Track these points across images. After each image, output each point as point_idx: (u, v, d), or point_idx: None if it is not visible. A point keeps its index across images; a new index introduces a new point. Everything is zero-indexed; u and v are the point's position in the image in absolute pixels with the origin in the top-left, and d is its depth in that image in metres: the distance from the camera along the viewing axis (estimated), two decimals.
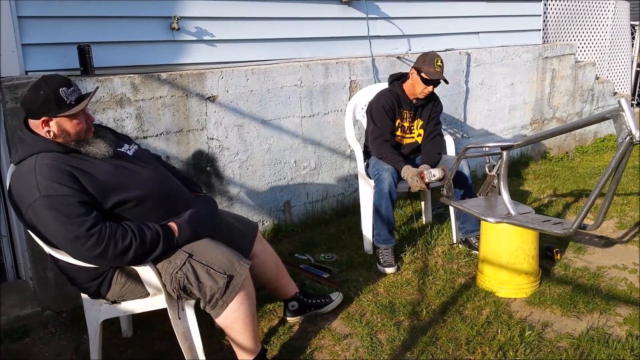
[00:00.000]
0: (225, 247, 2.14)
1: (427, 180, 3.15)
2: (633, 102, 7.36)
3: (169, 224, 2.10)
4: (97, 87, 2.33)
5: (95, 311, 2.21)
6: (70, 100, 1.98)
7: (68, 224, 1.87)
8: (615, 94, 6.61)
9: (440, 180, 3.16)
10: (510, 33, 5.39)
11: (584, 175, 5.11)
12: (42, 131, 1.99)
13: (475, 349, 2.43)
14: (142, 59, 3.28)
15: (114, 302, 2.19)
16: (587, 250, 3.45)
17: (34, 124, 2.00)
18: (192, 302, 2.13)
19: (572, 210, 4.16)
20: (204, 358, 2.16)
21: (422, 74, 3.29)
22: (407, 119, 3.46)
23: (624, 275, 3.09)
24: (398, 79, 3.48)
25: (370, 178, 3.39)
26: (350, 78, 4.10)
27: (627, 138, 2.12)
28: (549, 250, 3.31)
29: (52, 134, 1.99)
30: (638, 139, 2.09)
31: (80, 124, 2.02)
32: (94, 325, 2.23)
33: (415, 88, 3.36)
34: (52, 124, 1.98)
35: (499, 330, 2.55)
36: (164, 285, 2.07)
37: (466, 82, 4.91)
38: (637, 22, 7.13)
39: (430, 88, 3.35)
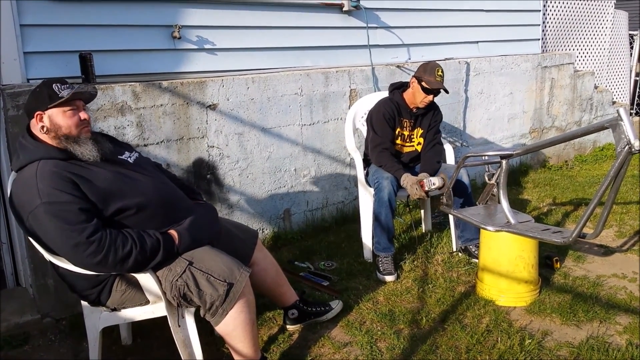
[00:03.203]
0: (225, 254, 2.14)
1: (426, 189, 3.16)
2: (632, 111, 7.38)
3: (169, 231, 2.10)
4: (95, 87, 2.31)
5: (95, 318, 2.20)
6: (62, 94, 2.01)
7: (69, 231, 1.88)
8: (614, 103, 6.64)
9: (439, 188, 3.16)
10: (509, 42, 5.42)
11: (583, 184, 5.12)
12: (37, 128, 2.03)
13: (475, 358, 2.42)
14: (143, 67, 3.30)
15: (114, 309, 2.19)
16: (586, 259, 3.45)
17: (32, 124, 2.05)
18: (192, 309, 2.13)
19: (572, 219, 4.16)
20: None
21: (423, 83, 3.31)
22: (407, 128, 3.47)
23: (624, 284, 3.09)
24: (398, 88, 3.50)
25: (370, 186, 3.40)
26: (350, 87, 4.12)
27: (626, 147, 2.13)
28: (548, 258, 3.31)
29: (45, 129, 2.02)
30: (637, 148, 2.10)
31: (72, 118, 2.04)
32: (94, 333, 2.23)
33: (415, 97, 3.38)
34: (45, 117, 2.02)
35: (499, 339, 2.54)
36: (164, 293, 2.07)
37: (465, 91, 4.93)
38: (635, 32, 7.17)
39: (430, 97, 3.36)
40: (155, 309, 2.15)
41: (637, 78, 7.40)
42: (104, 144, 2.13)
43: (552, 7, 5.92)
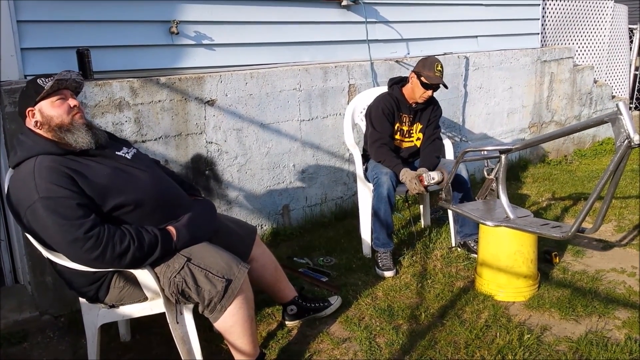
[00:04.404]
0: (224, 251, 2.14)
1: (425, 183, 3.15)
2: (631, 105, 7.37)
3: (167, 227, 2.10)
4: (79, 74, 2.20)
5: (94, 315, 2.20)
6: (47, 85, 2.02)
7: (66, 226, 1.87)
8: (613, 97, 6.63)
9: (439, 183, 3.16)
10: (508, 37, 5.41)
11: (582, 178, 5.11)
12: (31, 124, 2.04)
13: (474, 353, 2.42)
14: (141, 63, 3.29)
15: (112, 306, 2.18)
16: (585, 253, 3.45)
17: (27, 122, 2.05)
18: (191, 306, 2.13)
19: (571, 214, 4.16)
20: None
21: (422, 78, 3.30)
22: (406, 123, 3.47)
23: (623, 279, 3.09)
24: (397, 83, 3.49)
25: (369, 182, 3.39)
26: (349, 82, 4.11)
27: (625, 141, 2.12)
28: (547, 253, 3.31)
29: (38, 123, 2.03)
30: (636, 143, 2.09)
31: (61, 106, 2.04)
32: (92, 330, 2.22)
33: (414, 92, 3.37)
34: (36, 112, 2.03)
35: (498, 334, 2.55)
36: (162, 290, 2.06)
37: (465, 85, 4.92)
38: (635, 26, 7.15)
39: (429, 92, 3.35)
40: (154, 306, 2.15)
41: (637, 72, 7.38)
42: (99, 133, 2.12)
43: (552, 1, 5.90)
